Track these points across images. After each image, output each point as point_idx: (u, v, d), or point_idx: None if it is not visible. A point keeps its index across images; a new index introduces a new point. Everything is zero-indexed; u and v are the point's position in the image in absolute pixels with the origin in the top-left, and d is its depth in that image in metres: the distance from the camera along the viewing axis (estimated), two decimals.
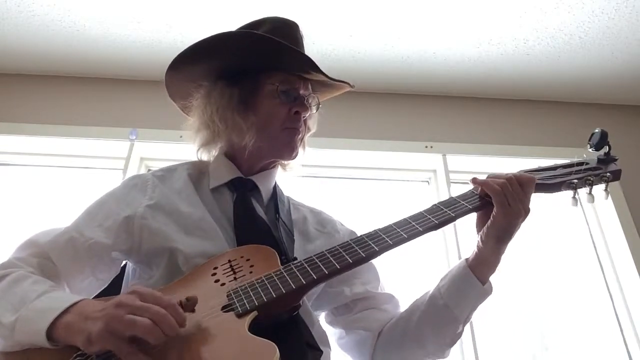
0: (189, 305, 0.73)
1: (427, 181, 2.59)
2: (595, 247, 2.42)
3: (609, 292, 2.30)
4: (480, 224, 0.96)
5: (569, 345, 2.21)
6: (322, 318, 1.11)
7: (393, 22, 2.25)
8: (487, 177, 0.96)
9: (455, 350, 1.01)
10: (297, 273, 0.82)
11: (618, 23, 2.23)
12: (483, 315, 2.08)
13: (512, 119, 2.67)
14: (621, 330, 2.21)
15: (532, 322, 2.26)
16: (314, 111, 1.13)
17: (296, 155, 1.10)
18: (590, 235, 2.46)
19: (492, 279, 0.97)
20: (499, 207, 0.90)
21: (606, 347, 2.21)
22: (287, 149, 1.08)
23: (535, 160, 2.42)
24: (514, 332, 2.21)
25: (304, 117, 1.08)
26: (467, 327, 1.85)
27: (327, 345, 0.99)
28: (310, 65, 1.05)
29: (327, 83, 1.13)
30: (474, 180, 0.96)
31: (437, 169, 2.52)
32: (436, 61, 2.48)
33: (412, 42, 2.36)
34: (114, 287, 1.01)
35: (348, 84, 1.15)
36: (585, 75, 2.56)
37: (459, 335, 0.99)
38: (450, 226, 1.75)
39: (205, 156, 1.15)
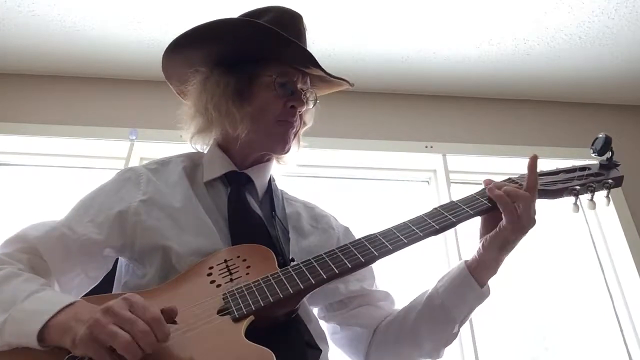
0: (165, 317, 0.70)
1: (427, 181, 2.59)
2: (595, 247, 2.42)
3: (610, 293, 2.30)
4: (484, 229, 0.94)
5: (569, 346, 2.21)
6: (315, 313, 1.08)
7: (393, 22, 2.25)
8: (501, 184, 0.93)
9: (455, 350, 1.00)
10: (295, 277, 0.80)
11: (618, 23, 2.23)
12: (483, 316, 2.08)
13: (512, 119, 2.67)
14: (621, 331, 2.21)
15: (533, 323, 2.26)
16: (311, 106, 1.11)
17: (288, 149, 1.08)
18: (591, 235, 2.46)
19: (493, 279, 0.96)
20: (510, 223, 0.88)
21: (606, 348, 2.21)
22: (279, 142, 1.05)
23: None
24: (514, 333, 2.21)
25: (300, 111, 1.06)
26: (467, 327, 1.85)
27: (326, 343, 0.99)
28: (310, 61, 1.02)
29: (326, 79, 1.11)
30: (490, 190, 0.92)
31: (437, 169, 2.52)
32: (436, 61, 2.48)
33: (412, 42, 2.36)
34: (105, 283, 0.99)
35: (347, 81, 1.12)
36: (585, 75, 2.56)
37: (455, 335, 0.98)
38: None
39: (198, 145, 1.12)
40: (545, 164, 1.04)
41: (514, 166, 2.50)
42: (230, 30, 1.03)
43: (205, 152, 1.13)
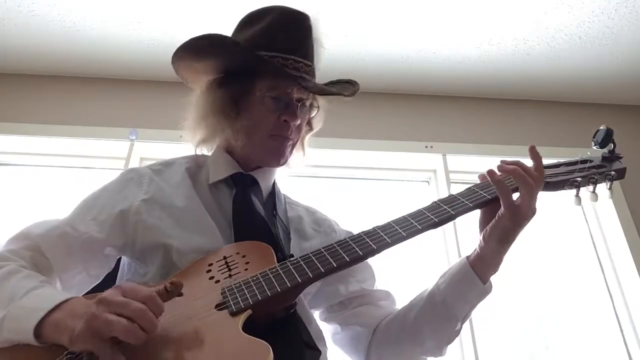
0: (173, 290, 0.70)
1: (427, 181, 2.59)
2: (595, 246, 2.42)
3: (609, 292, 2.30)
4: (483, 222, 0.93)
5: (569, 345, 2.21)
6: (317, 316, 1.09)
7: (393, 22, 2.25)
8: (497, 167, 0.90)
9: (455, 349, 1.00)
10: (293, 271, 0.80)
11: (618, 23, 2.23)
12: (483, 315, 2.08)
13: (512, 119, 2.67)
14: (621, 330, 2.21)
15: (532, 322, 2.26)
16: (313, 114, 1.10)
17: (284, 162, 1.07)
18: (590, 234, 2.46)
19: (492, 278, 0.94)
20: (507, 209, 0.86)
21: (606, 347, 2.21)
22: (273, 156, 1.05)
23: None
24: (514, 332, 2.21)
25: (294, 125, 1.04)
26: (467, 325, 1.85)
27: (324, 344, 0.99)
28: (297, 83, 0.99)
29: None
30: (490, 173, 0.89)
31: (437, 169, 2.52)
32: (436, 61, 2.48)
33: (412, 42, 2.36)
34: (108, 282, 0.99)
35: (343, 94, 1.09)
36: (585, 75, 2.56)
37: (457, 333, 0.97)
38: (450, 223, 1.75)
39: (204, 149, 1.13)
40: (548, 162, 1.04)
41: None
42: (217, 47, 1.01)
43: (210, 154, 1.13)
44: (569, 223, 2.48)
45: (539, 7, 2.16)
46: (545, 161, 0.98)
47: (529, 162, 0.94)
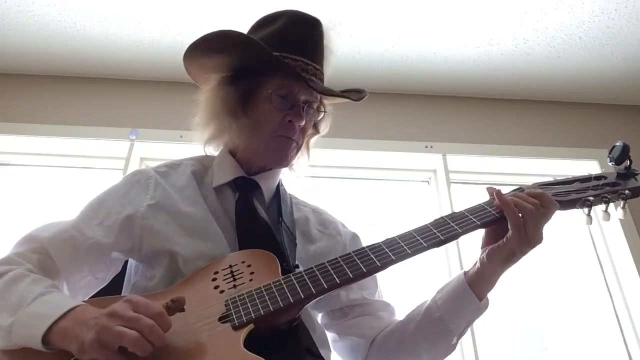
0: (175, 307, 0.73)
1: (427, 181, 2.59)
2: (595, 247, 2.42)
3: (609, 292, 2.30)
4: (487, 240, 0.93)
5: (568, 346, 2.21)
6: (318, 319, 1.08)
7: (393, 22, 2.25)
8: (511, 194, 0.90)
9: (455, 350, 1.00)
10: (297, 286, 0.80)
11: (618, 23, 2.23)
12: (483, 316, 2.07)
13: (512, 119, 2.67)
14: (621, 331, 2.21)
15: (532, 323, 2.26)
16: (320, 117, 1.10)
17: (287, 164, 1.07)
18: (591, 235, 2.46)
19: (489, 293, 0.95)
20: (516, 234, 0.86)
21: (606, 348, 2.21)
22: (276, 157, 1.05)
23: (535, 160, 2.42)
24: (514, 333, 2.21)
25: (299, 126, 1.03)
26: None
27: (329, 349, 0.99)
28: (304, 83, 0.99)
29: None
30: (497, 195, 0.89)
31: (437, 169, 2.52)
32: (436, 61, 2.48)
33: (412, 42, 2.36)
34: (115, 285, 1.00)
35: (351, 98, 1.09)
36: (585, 75, 2.56)
37: (454, 347, 0.98)
38: None
39: (211, 148, 1.13)
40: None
41: (513, 166, 2.50)
42: (229, 43, 1.01)
43: (216, 155, 1.12)
44: (569, 224, 2.47)
45: (539, 7, 2.16)
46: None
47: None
